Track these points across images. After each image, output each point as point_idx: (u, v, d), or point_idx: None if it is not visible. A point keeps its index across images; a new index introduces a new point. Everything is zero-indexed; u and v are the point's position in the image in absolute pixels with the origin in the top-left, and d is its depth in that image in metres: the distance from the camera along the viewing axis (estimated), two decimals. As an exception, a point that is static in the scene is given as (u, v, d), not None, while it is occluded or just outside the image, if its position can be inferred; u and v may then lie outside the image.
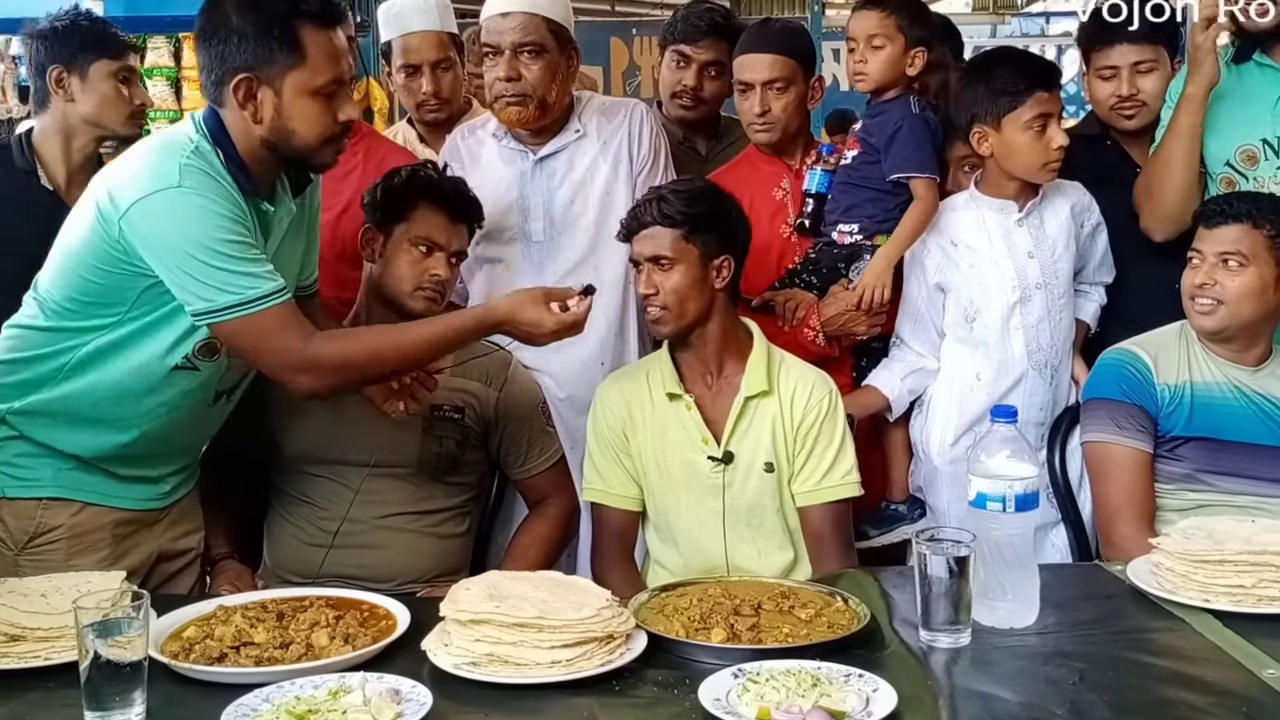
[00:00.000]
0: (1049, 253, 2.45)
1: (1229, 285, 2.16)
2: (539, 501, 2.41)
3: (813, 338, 2.51)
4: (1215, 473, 2.22)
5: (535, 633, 1.55)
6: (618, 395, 2.23)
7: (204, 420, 2.09)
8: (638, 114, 2.61)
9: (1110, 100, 2.61)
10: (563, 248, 2.54)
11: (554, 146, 2.54)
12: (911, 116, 2.49)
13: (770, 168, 2.66)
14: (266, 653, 1.59)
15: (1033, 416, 2.42)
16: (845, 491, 2.19)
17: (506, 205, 2.54)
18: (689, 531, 2.20)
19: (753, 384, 2.17)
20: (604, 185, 2.54)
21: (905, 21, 2.52)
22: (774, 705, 1.43)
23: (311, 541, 2.28)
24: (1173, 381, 2.24)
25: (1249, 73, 2.41)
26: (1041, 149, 2.35)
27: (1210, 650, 1.63)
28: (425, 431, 2.27)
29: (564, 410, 2.53)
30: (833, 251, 2.55)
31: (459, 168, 2.56)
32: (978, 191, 2.49)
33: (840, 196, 2.56)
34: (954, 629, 1.65)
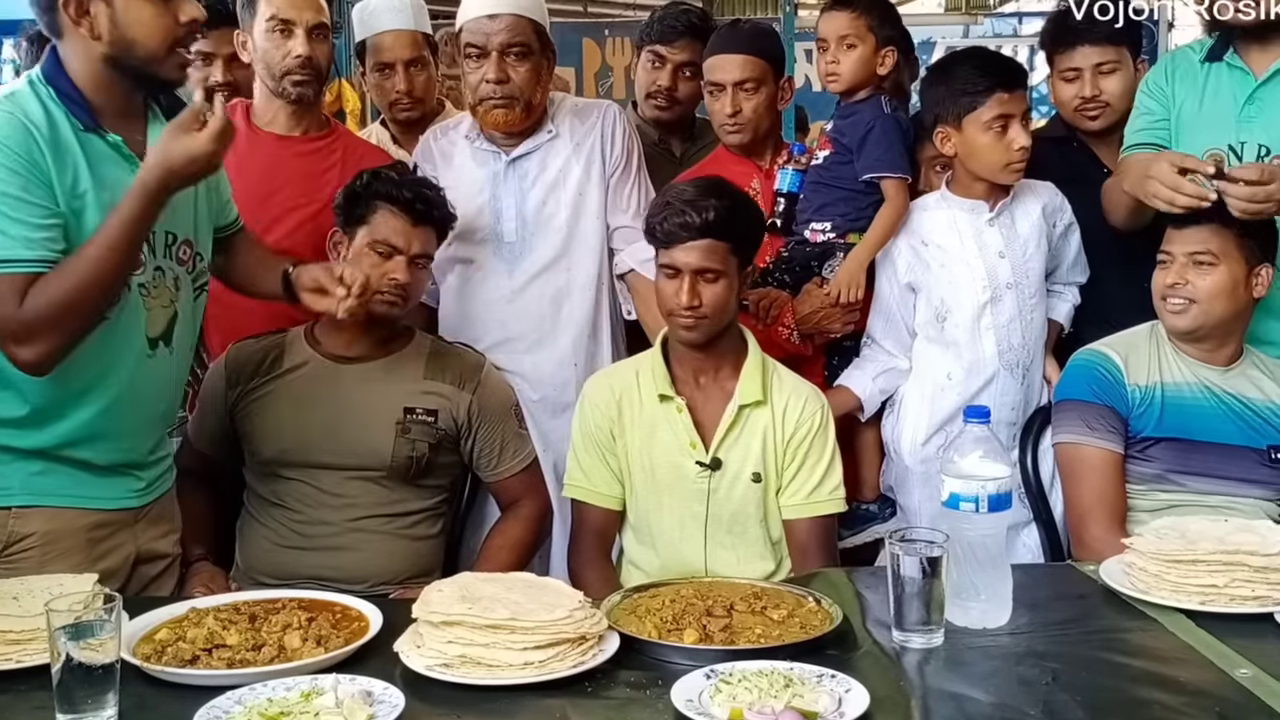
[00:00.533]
0: (1020, 252, 2.46)
1: (1200, 284, 2.17)
2: (511, 504, 2.41)
3: (787, 335, 2.51)
4: (1186, 473, 2.23)
5: (508, 634, 1.54)
6: (607, 393, 2.22)
7: (153, 376, 2.01)
8: (610, 115, 2.61)
9: (1074, 102, 2.64)
10: (534, 248, 2.53)
11: (527, 148, 2.53)
12: (884, 117, 2.51)
13: (740, 168, 2.66)
14: (239, 655, 1.58)
15: (1004, 416, 2.43)
16: (832, 507, 2.20)
17: (479, 206, 2.53)
18: (669, 535, 2.20)
19: (747, 392, 2.16)
20: (576, 187, 2.54)
21: (875, 21, 2.54)
22: (746, 706, 1.42)
23: (284, 543, 2.28)
24: (1143, 382, 2.25)
25: (1219, 73, 2.41)
26: (1003, 150, 2.36)
27: (1183, 650, 1.64)
28: (398, 435, 2.27)
29: (537, 412, 2.53)
30: (805, 250, 2.56)
31: (431, 169, 2.56)
32: (949, 192, 2.50)
33: (813, 196, 2.57)
34: (927, 629, 1.65)
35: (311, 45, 2.57)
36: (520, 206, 2.52)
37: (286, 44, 2.57)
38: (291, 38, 2.56)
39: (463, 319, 2.56)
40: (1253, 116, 2.33)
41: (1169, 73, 2.45)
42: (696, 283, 2.10)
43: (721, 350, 2.19)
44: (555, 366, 2.53)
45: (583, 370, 2.53)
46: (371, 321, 2.29)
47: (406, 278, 2.26)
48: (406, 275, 2.26)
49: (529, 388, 2.53)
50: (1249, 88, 2.34)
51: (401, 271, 2.25)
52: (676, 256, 2.11)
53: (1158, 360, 2.27)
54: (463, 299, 2.57)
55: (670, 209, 2.12)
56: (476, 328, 2.54)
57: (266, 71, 2.60)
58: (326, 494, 2.27)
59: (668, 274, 2.13)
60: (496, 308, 2.53)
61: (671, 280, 2.12)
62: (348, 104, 4.97)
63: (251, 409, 2.31)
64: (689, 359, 2.20)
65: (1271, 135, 2.31)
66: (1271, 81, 2.32)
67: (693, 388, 2.20)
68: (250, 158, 2.48)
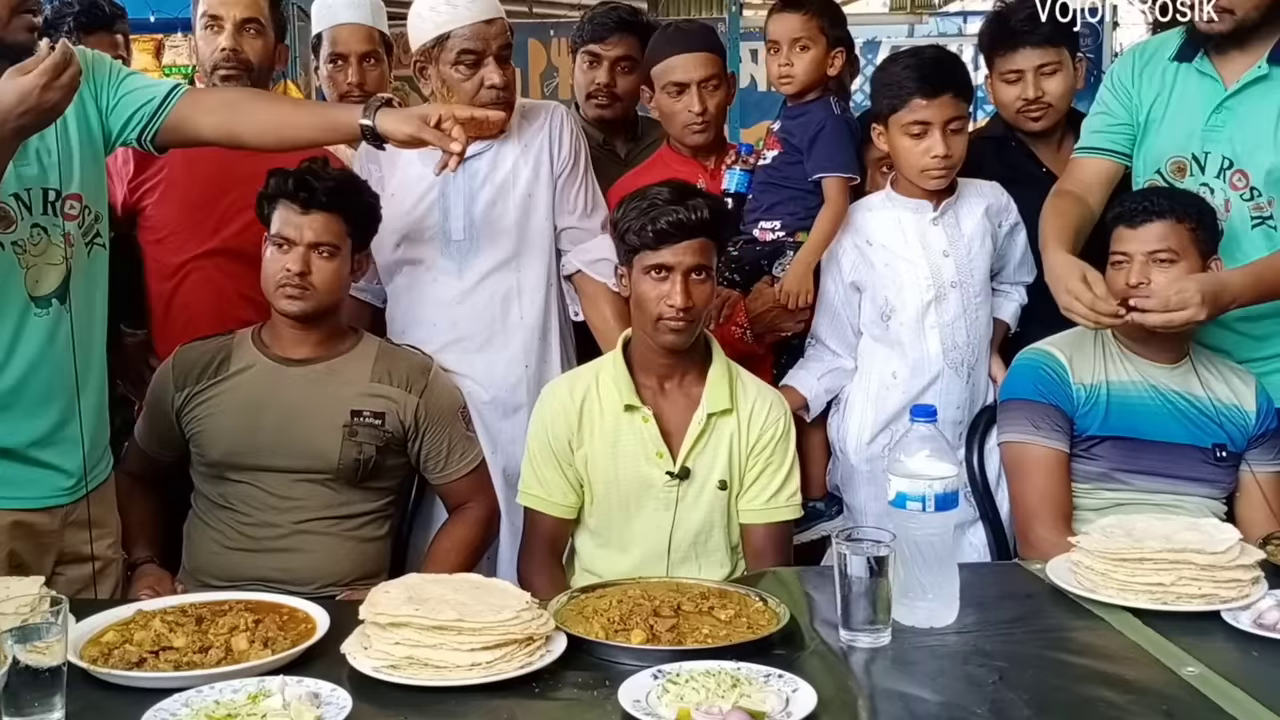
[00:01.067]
0: (964, 252, 2.47)
1: (1162, 283, 2.16)
2: (459, 506, 2.39)
3: (741, 335, 2.51)
4: (1132, 471, 2.25)
5: (455, 635, 1.54)
6: (567, 401, 2.18)
7: (47, 335, 1.96)
8: (558, 116, 2.59)
9: (1016, 104, 2.65)
10: (483, 248, 2.51)
11: (478, 148, 2.50)
12: (834, 117, 2.52)
13: (685, 168, 2.66)
14: (186, 657, 1.57)
15: (950, 415, 2.44)
16: (789, 514, 2.20)
17: (428, 204, 2.51)
18: (632, 543, 2.19)
19: (715, 400, 2.15)
20: (525, 188, 2.52)
21: (827, 23, 2.56)
22: (694, 706, 1.42)
23: (231, 545, 2.26)
24: (1089, 381, 2.26)
25: (1189, 77, 2.36)
26: (919, 155, 2.37)
27: (1130, 648, 1.65)
28: (345, 437, 2.25)
29: (487, 413, 2.51)
30: (755, 249, 2.57)
31: (375, 168, 2.54)
32: (893, 191, 2.51)
33: (761, 195, 2.58)
34: (874, 629, 1.66)
35: (239, 39, 2.58)
36: (469, 206, 2.51)
37: (215, 39, 2.59)
38: (220, 32, 2.59)
39: (412, 319, 2.54)
40: (1219, 126, 2.32)
41: (1136, 70, 2.43)
42: (689, 282, 2.09)
43: (690, 355, 2.18)
44: (506, 367, 2.52)
45: (534, 371, 2.52)
46: (305, 320, 2.26)
47: (300, 266, 2.21)
48: (300, 264, 2.21)
49: (479, 389, 2.51)
50: (1218, 97, 2.32)
51: (295, 261, 2.21)
52: (669, 257, 2.09)
53: (1103, 359, 2.28)
54: (412, 299, 2.54)
55: (657, 209, 2.09)
56: (426, 328, 2.52)
57: (202, 70, 2.62)
58: (273, 496, 2.25)
59: (656, 276, 2.10)
60: (447, 308, 2.51)
61: (661, 282, 2.09)
62: (293, 106, 4.96)
63: (199, 411, 2.28)
64: (656, 365, 2.17)
65: (1235, 148, 2.30)
66: (1241, 93, 2.30)
67: (658, 395, 2.18)
68: (199, 158, 2.46)
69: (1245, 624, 1.67)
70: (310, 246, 2.23)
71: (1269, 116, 2.27)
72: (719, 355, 2.20)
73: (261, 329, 2.34)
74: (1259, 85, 2.28)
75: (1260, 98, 2.28)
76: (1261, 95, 2.28)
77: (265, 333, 2.34)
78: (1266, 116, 2.28)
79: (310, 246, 2.23)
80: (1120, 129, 2.44)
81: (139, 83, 2.11)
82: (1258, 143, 2.28)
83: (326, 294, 2.26)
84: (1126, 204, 2.24)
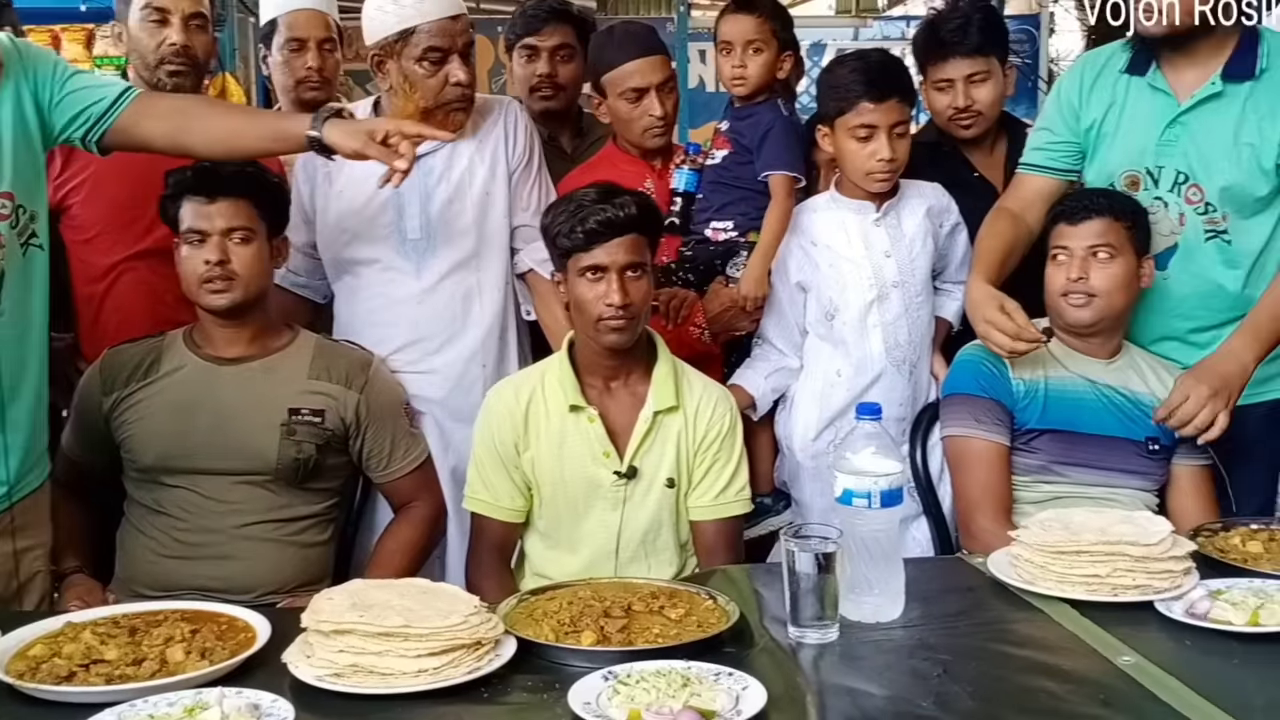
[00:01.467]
0: (906, 252, 2.50)
1: (1101, 277, 2.22)
2: (404, 505, 2.36)
3: (699, 335, 2.52)
4: (1069, 464, 2.29)
5: (401, 641, 1.51)
6: (512, 403, 2.17)
7: None
8: (512, 112, 2.57)
9: (948, 112, 2.69)
10: (441, 247, 2.47)
11: (432, 145, 2.44)
12: (782, 118, 2.54)
13: (632, 167, 2.65)
14: (118, 670, 1.53)
15: (893, 412, 2.47)
16: (738, 509, 2.21)
17: (380, 202, 2.46)
18: (581, 544, 2.18)
19: (661, 398, 2.15)
20: (482, 185, 2.49)
21: (779, 26, 2.58)
22: (644, 707, 1.42)
23: (166, 553, 2.20)
24: (1028, 376, 2.30)
25: (1141, 91, 2.36)
26: (864, 158, 2.39)
27: (1068, 639, 1.68)
28: (283, 436, 2.21)
29: (440, 414, 2.48)
30: (708, 249, 2.58)
31: (321, 164, 2.49)
32: (837, 193, 2.53)
33: (712, 195, 2.58)
34: (821, 625, 1.67)
35: (188, 34, 2.53)
36: (425, 205, 2.46)
37: (162, 32, 2.52)
38: (167, 26, 2.52)
39: (368, 321, 2.49)
40: (1172, 141, 2.33)
41: (1086, 84, 2.42)
42: (625, 280, 2.08)
43: (635, 354, 2.17)
44: (464, 367, 2.48)
45: (490, 371, 2.49)
46: (235, 314, 2.21)
47: (218, 255, 2.16)
48: (218, 253, 2.16)
49: (434, 388, 2.47)
50: (1171, 111, 2.32)
51: (212, 252, 2.16)
52: (602, 256, 2.08)
53: (1042, 354, 2.32)
54: (366, 299, 2.50)
55: (584, 210, 2.08)
56: (385, 329, 2.47)
57: (141, 62, 2.53)
58: (211, 500, 2.20)
59: (592, 277, 2.08)
60: (406, 308, 2.47)
61: (597, 283, 2.08)
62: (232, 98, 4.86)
63: (129, 415, 2.23)
64: (601, 366, 2.16)
65: (1190, 163, 2.32)
66: (1195, 109, 2.31)
67: (603, 395, 2.17)
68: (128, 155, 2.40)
69: (1178, 614, 1.70)
70: (224, 234, 2.18)
71: (1224, 132, 2.30)
72: (664, 353, 2.20)
73: (193, 330, 2.29)
74: (1213, 102, 2.30)
75: (1214, 114, 2.31)
76: (1215, 111, 2.31)
77: (197, 333, 2.28)
78: (1221, 132, 2.30)
79: (224, 234, 2.18)
80: (1062, 146, 2.46)
81: (86, 81, 2.07)
82: (1213, 158, 2.31)
83: (251, 281, 2.21)
84: (1067, 202, 2.29)
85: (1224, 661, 1.59)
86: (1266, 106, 2.27)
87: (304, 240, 2.56)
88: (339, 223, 2.48)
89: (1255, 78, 2.29)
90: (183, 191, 2.20)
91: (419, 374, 2.46)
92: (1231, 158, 2.29)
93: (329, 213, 2.50)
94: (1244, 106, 2.29)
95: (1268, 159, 2.27)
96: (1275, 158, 2.27)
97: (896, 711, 1.49)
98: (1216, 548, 1.93)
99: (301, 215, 2.55)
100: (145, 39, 2.52)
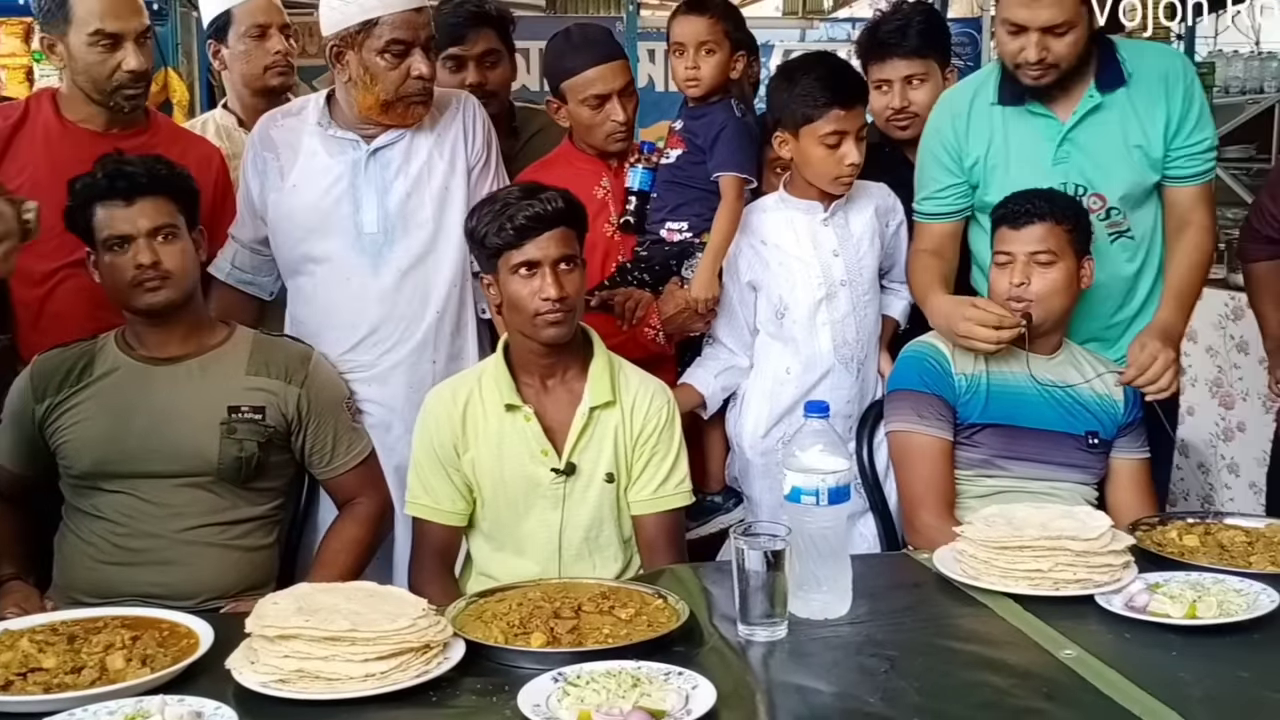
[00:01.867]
0: (854, 251, 2.52)
1: (1043, 281, 2.26)
2: (348, 502, 2.33)
3: (653, 336, 2.51)
4: (1011, 458, 2.32)
5: (348, 646, 1.50)
6: (450, 406, 2.15)
7: None
8: (470, 106, 2.54)
9: (885, 113, 2.73)
10: (398, 242, 2.43)
11: (390, 138, 2.43)
12: (735, 119, 2.53)
13: (589, 166, 2.64)
14: (56, 679, 1.50)
15: (841, 410, 2.49)
16: (679, 501, 2.21)
17: (336, 196, 2.42)
18: (525, 544, 2.17)
19: (597, 394, 2.14)
20: (441, 180, 2.46)
21: (731, 26, 2.57)
22: (594, 708, 1.42)
23: (106, 559, 2.16)
24: (970, 371, 2.33)
25: (1021, 119, 2.44)
26: (834, 164, 2.41)
27: (1011, 633, 1.70)
28: (224, 435, 2.17)
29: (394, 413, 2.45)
30: (663, 249, 2.57)
31: (272, 156, 2.45)
32: (785, 193, 2.54)
33: (666, 195, 2.58)
34: (770, 622, 1.68)
35: (141, 53, 2.45)
36: (383, 198, 2.43)
37: (114, 57, 2.43)
38: (119, 49, 2.42)
39: (327, 322, 2.45)
40: (1065, 158, 2.42)
41: (959, 126, 2.47)
42: (559, 273, 2.08)
43: (571, 350, 2.17)
44: (419, 363, 2.46)
45: (440, 368, 2.46)
46: (171, 312, 2.17)
47: (149, 258, 2.12)
48: (149, 255, 2.12)
49: (391, 387, 2.44)
50: (1057, 131, 2.41)
51: (144, 254, 2.12)
52: (534, 251, 2.07)
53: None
54: (322, 296, 2.46)
55: (511, 207, 2.07)
56: (344, 330, 2.44)
57: (92, 85, 2.45)
58: (151, 504, 2.16)
59: (526, 273, 2.08)
60: (364, 306, 2.44)
61: (530, 279, 2.08)
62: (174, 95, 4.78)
63: (63, 421, 2.17)
64: (537, 363, 2.16)
65: (1087, 175, 2.40)
66: (1080, 124, 2.41)
67: (539, 393, 2.16)
68: (66, 158, 2.34)
69: (1118, 607, 1.73)
70: (150, 235, 2.13)
71: (1113, 140, 2.40)
72: (600, 348, 2.20)
73: (125, 331, 2.24)
74: (1095, 114, 2.41)
75: (1099, 125, 2.41)
76: (1099, 122, 2.41)
77: (129, 335, 2.24)
78: (1110, 140, 2.40)
79: (150, 235, 2.13)
80: (951, 190, 2.51)
81: None
82: (1108, 166, 2.40)
83: (184, 278, 2.17)
84: (1010, 205, 2.32)
85: (1162, 653, 1.62)
86: (1143, 107, 2.40)
87: (251, 236, 2.52)
88: (292, 218, 2.43)
89: (1126, 84, 2.40)
90: (94, 198, 2.13)
91: (376, 371, 2.43)
92: (1126, 162, 2.41)
93: (281, 207, 2.46)
94: (1123, 112, 2.41)
95: (1156, 151, 2.40)
96: (1162, 149, 2.40)
97: (844, 708, 1.50)
98: (1154, 542, 1.97)
99: (250, 210, 2.51)
100: (97, 64, 2.43)
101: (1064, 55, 2.32)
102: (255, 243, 2.52)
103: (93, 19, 2.39)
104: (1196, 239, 2.44)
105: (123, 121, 2.51)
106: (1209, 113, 2.46)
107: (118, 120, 2.51)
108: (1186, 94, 2.40)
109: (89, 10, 2.40)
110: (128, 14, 2.43)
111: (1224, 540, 1.96)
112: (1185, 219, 2.44)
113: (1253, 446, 3.91)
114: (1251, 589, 1.76)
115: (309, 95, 2.65)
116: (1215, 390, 4.08)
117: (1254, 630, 1.67)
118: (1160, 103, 2.39)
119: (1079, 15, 2.30)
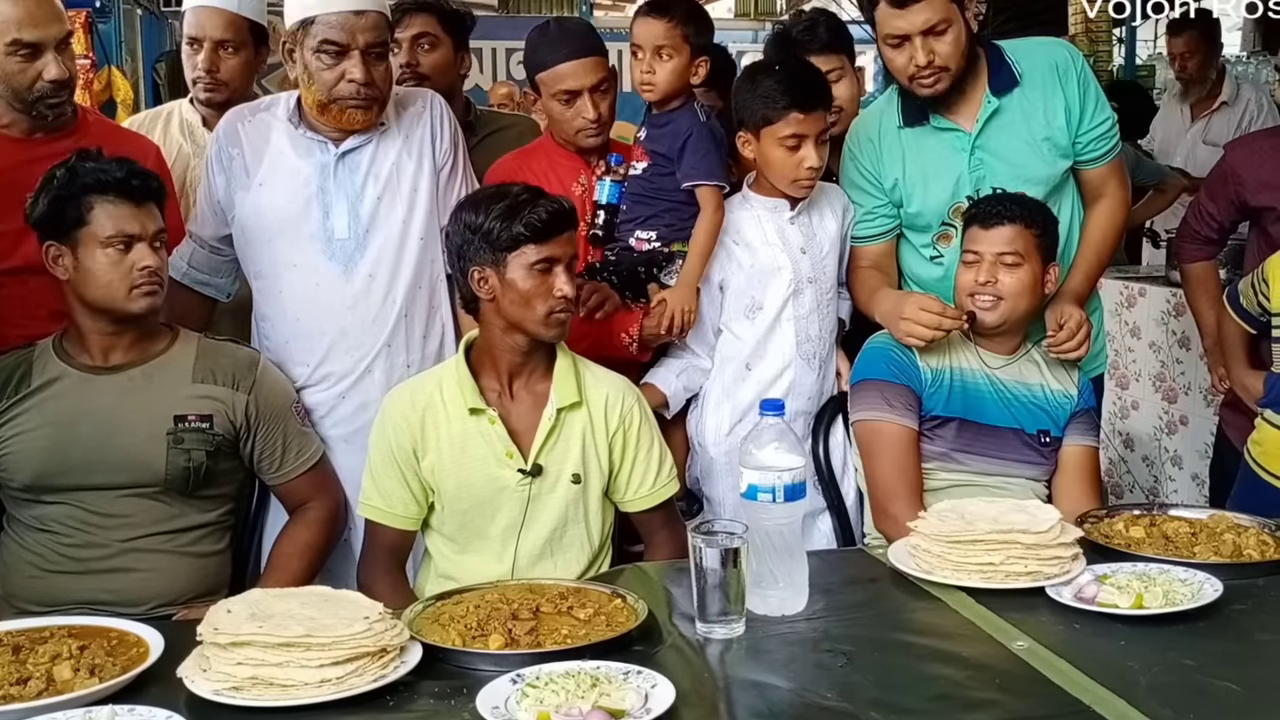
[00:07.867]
0: (819, 249, 2.54)
1: (1008, 282, 2.29)
2: (299, 506, 2.30)
3: (628, 344, 2.48)
4: (969, 453, 2.35)
5: (303, 651, 1.48)
6: (409, 410, 2.12)
7: None
8: (436, 105, 2.51)
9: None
10: (369, 246, 2.40)
11: (358, 141, 2.39)
12: (699, 125, 2.50)
13: (569, 163, 2.60)
14: (1, 690, 1.48)
15: (801, 406, 2.50)
16: (674, 487, 2.22)
17: (305, 200, 2.38)
18: (487, 545, 2.15)
19: (564, 395, 2.13)
20: (411, 182, 2.43)
21: (692, 31, 2.51)
22: (553, 709, 1.42)
23: (52, 568, 2.12)
24: (934, 364, 2.36)
25: (927, 137, 2.49)
26: (792, 167, 2.41)
27: (965, 626, 1.72)
28: (170, 445, 2.13)
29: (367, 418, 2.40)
30: (632, 255, 2.54)
31: (238, 153, 2.41)
32: (750, 192, 2.55)
33: (636, 207, 2.54)
34: (728, 620, 1.68)
35: (63, 61, 2.34)
36: (354, 202, 2.39)
37: (34, 66, 2.32)
38: (39, 58, 2.32)
39: (298, 331, 2.41)
40: (980, 165, 2.47)
41: (873, 152, 2.53)
42: (572, 273, 2.09)
43: (538, 352, 2.15)
44: (393, 369, 2.42)
45: (415, 371, 2.41)
46: (125, 322, 2.13)
47: (155, 262, 2.10)
48: (154, 259, 2.10)
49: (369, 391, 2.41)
50: (966, 142, 2.47)
51: (149, 257, 2.09)
52: (554, 249, 2.06)
53: (949, 344, 2.37)
54: (290, 304, 2.41)
55: (527, 205, 2.04)
56: (315, 338, 2.40)
57: (13, 94, 2.35)
58: (97, 515, 2.12)
59: (541, 270, 2.05)
60: (336, 313, 2.40)
61: (547, 276, 2.05)
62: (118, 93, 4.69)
63: (2, 433, 2.11)
64: (505, 365, 2.13)
65: (1001, 177, 2.44)
66: (985, 130, 2.46)
67: (503, 396, 2.14)
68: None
69: (1067, 598, 1.76)
70: (151, 239, 2.11)
71: (1021, 139, 2.47)
72: (563, 349, 2.18)
73: (62, 338, 2.18)
74: (997, 118, 2.47)
75: (1005, 127, 2.47)
76: (1005, 125, 2.47)
77: (68, 342, 2.17)
78: (1019, 140, 2.47)
79: (151, 239, 2.11)
80: (878, 211, 2.56)
81: None
82: (1022, 165, 2.46)
83: (163, 285, 2.15)
84: (982, 205, 2.36)
85: (1111, 643, 1.65)
86: (1042, 100, 2.47)
87: (212, 234, 2.47)
88: (259, 219, 2.39)
89: (1019, 83, 2.47)
90: (102, 190, 2.07)
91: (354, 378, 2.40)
92: (1037, 156, 2.48)
93: (248, 206, 2.41)
94: (1024, 110, 2.46)
95: (1063, 139, 2.47)
96: (1069, 137, 2.47)
97: (802, 703, 1.51)
98: (1102, 534, 2.00)
99: (212, 208, 2.47)
100: (16, 73, 2.32)
101: (949, 54, 2.37)
102: (216, 241, 2.48)
103: (9, 28, 2.29)
104: (1109, 207, 2.55)
105: (47, 126, 2.42)
106: (1103, 94, 2.56)
107: (41, 125, 2.41)
108: (1080, 80, 2.48)
109: (5, 19, 2.30)
110: (46, 22, 2.33)
111: (1169, 531, 1.99)
112: (1098, 193, 2.55)
113: (1195, 439, 3.99)
114: (1196, 579, 1.79)
115: (281, 94, 2.60)
116: (1159, 385, 4.15)
117: (1199, 619, 1.70)
118: (1057, 93, 2.46)
119: (953, 13, 2.36)
